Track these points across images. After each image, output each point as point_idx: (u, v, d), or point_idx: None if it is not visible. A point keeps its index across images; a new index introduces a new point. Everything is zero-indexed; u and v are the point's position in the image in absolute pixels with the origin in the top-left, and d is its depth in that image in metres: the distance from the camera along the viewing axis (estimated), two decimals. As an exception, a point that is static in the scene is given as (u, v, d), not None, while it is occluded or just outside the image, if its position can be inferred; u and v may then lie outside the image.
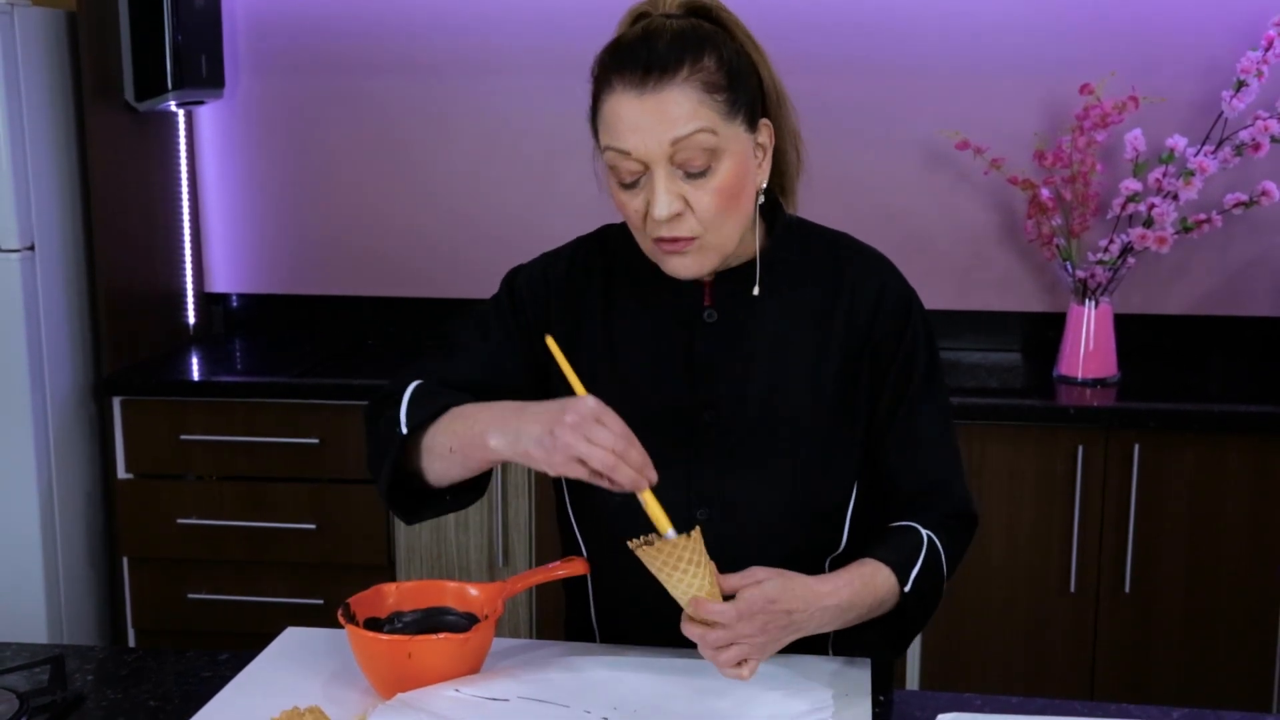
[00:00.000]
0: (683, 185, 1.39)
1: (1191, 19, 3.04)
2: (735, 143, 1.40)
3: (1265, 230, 3.10)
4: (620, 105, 1.38)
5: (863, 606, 1.42)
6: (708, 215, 1.40)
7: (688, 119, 1.36)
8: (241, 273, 3.43)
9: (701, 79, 1.37)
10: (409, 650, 1.37)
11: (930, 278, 3.20)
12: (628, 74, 1.38)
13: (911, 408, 1.51)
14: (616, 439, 1.31)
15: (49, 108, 2.89)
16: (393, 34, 3.26)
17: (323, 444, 2.89)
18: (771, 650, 1.37)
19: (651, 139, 1.37)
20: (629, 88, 1.38)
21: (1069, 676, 2.77)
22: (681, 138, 1.37)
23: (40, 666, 1.49)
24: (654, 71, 1.37)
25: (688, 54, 1.38)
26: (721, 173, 1.39)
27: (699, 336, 1.50)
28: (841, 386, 1.50)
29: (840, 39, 3.12)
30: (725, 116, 1.39)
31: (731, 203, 1.41)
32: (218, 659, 1.54)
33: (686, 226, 1.40)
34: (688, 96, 1.37)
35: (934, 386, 1.53)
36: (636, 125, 1.37)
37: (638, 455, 1.33)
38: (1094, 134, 2.86)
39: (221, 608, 2.97)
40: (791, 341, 1.50)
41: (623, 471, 1.31)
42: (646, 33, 1.40)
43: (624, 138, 1.38)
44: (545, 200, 3.24)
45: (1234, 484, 2.67)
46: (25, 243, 2.83)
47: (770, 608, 1.33)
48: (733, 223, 1.43)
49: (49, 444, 2.90)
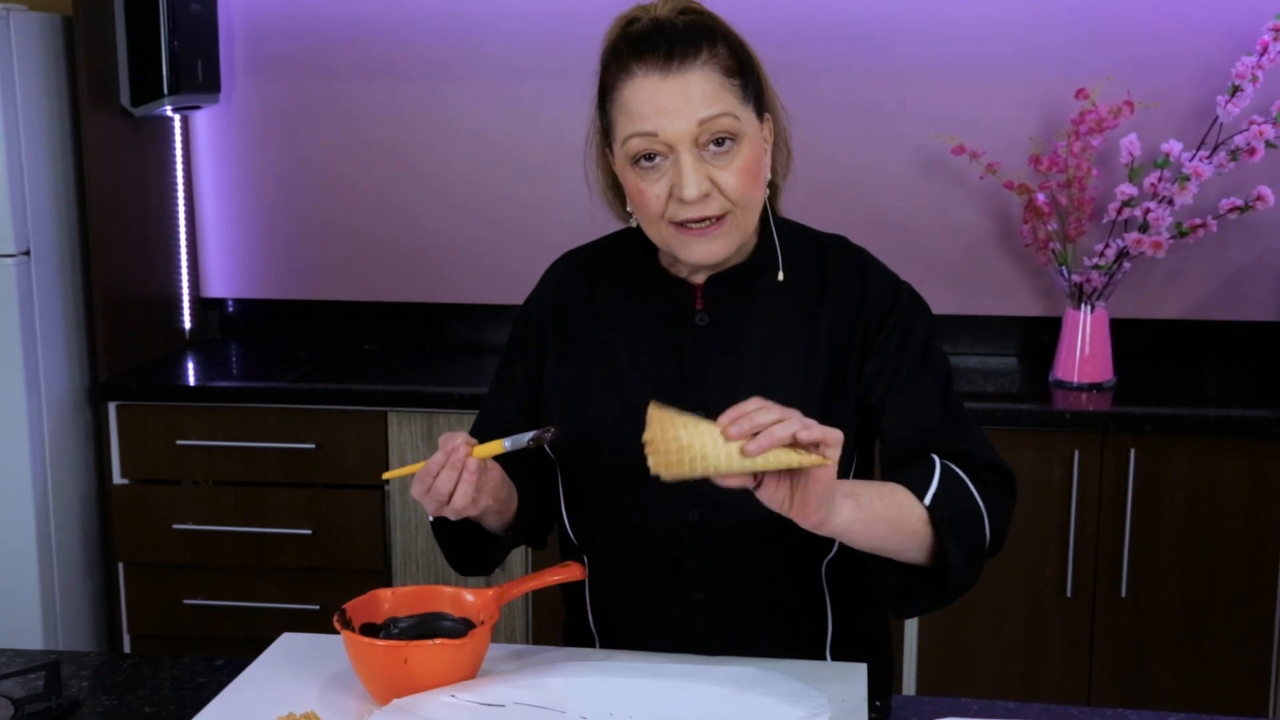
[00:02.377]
0: (708, 166, 1.40)
1: (1186, 24, 3.05)
2: (751, 127, 1.43)
3: (1260, 235, 3.10)
4: (644, 90, 1.40)
5: (872, 493, 1.33)
6: (735, 193, 1.41)
7: (713, 100, 1.39)
8: (237, 277, 3.42)
9: (720, 63, 1.40)
10: (405, 656, 1.36)
11: (926, 282, 3.17)
12: (649, 59, 1.40)
13: (910, 375, 1.47)
14: (439, 459, 1.36)
15: (45, 112, 2.89)
16: (388, 39, 3.26)
17: (319, 449, 2.88)
18: (813, 501, 1.24)
19: (680, 120, 1.38)
20: (652, 70, 1.39)
21: (1066, 680, 2.76)
22: (708, 118, 1.39)
23: (35, 673, 1.49)
24: (676, 55, 1.39)
25: (704, 39, 1.40)
26: (744, 154, 1.41)
27: (690, 339, 1.50)
28: (830, 386, 1.49)
29: (836, 44, 3.13)
30: (742, 101, 1.42)
31: (754, 183, 1.43)
32: (213, 665, 1.54)
33: (716, 205, 1.41)
34: (710, 79, 1.39)
35: (932, 356, 1.50)
36: (663, 108, 1.39)
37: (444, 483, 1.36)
38: (1089, 139, 2.87)
39: (217, 613, 2.97)
40: (781, 342, 1.50)
41: (441, 481, 1.36)
42: (656, 23, 1.42)
43: (650, 120, 1.39)
44: (542, 205, 3.24)
45: (1229, 488, 2.68)
46: (21, 248, 2.82)
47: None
48: (757, 203, 1.45)
49: (44, 449, 2.89)
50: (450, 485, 1.36)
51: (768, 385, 1.48)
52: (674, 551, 1.49)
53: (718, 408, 1.47)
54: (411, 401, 2.85)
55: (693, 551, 1.49)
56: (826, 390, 1.49)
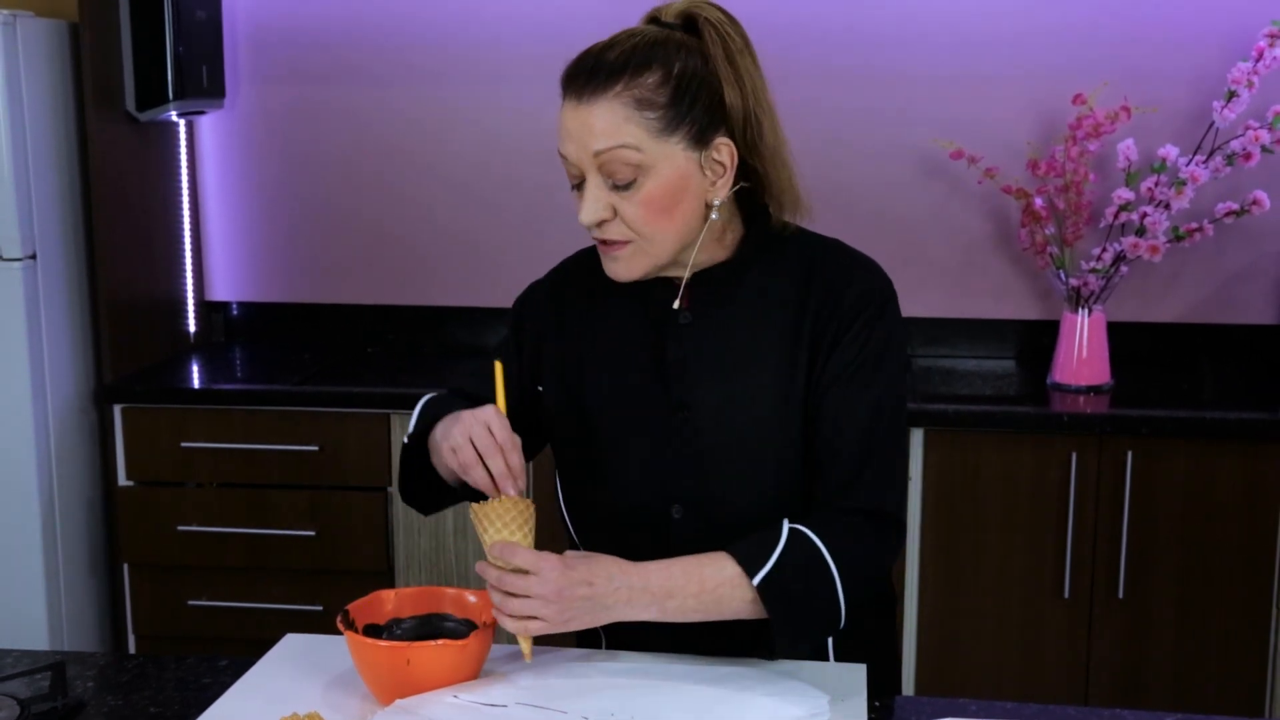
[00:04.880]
0: (611, 194, 1.41)
1: (1183, 30, 3.05)
2: (668, 160, 1.40)
3: (1256, 239, 3.10)
4: (564, 112, 1.43)
5: (687, 595, 1.38)
6: (636, 225, 1.42)
7: (610, 134, 1.39)
8: (242, 281, 3.42)
9: (635, 95, 1.39)
10: (408, 657, 1.36)
11: (925, 285, 3.20)
12: (572, 82, 1.42)
13: (846, 387, 1.46)
14: (488, 445, 1.40)
15: (51, 117, 2.89)
16: (391, 45, 3.26)
17: (322, 451, 2.88)
18: (566, 622, 1.36)
19: (580, 148, 1.41)
20: (569, 96, 1.42)
21: (1063, 681, 2.76)
22: (602, 151, 1.39)
23: (41, 673, 1.48)
24: (591, 84, 1.40)
25: (629, 69, 1.39)
26: (648, 187, 1.40)
27: (672, 338, 1.50)
28: (809, 385, 1.48)
29: (837, 49, 3.13)
30: (657, 134, 1.39)
31: (661, 216, 1.42)
32: (218, 665, 1.53)
33: (615, 231, 1.43)
34: (614, 112, 1.39)
35: (880, 375, 1.46)
36: (570, 133, 1.42)
37: (499, 465, 1.40)
38: (1087, 143, 2.87)
39: (221, 614, 2.96)
40: (763, 343, 1.49)
41: (475, 472, 1.40)
42: (609, 42, 1.43)
43: (563, 143, 1.43)
44: (543, 209, 3.24)
45: (1226, 490, 2.67)
46: (27, 251, 2.82)
47: (567, 573, 1.35)
48: (665, 234, 1.43)
49: (50, 451, 2.89)
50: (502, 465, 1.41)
51: (749, 384, 1.48)
52: (664, 547, 1.49)
53: (700, 405, 1.48)
54: (414, 404, 2.83)
55: (681, 548, 1.49)
56: (807, 390, 1.48)
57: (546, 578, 1.35)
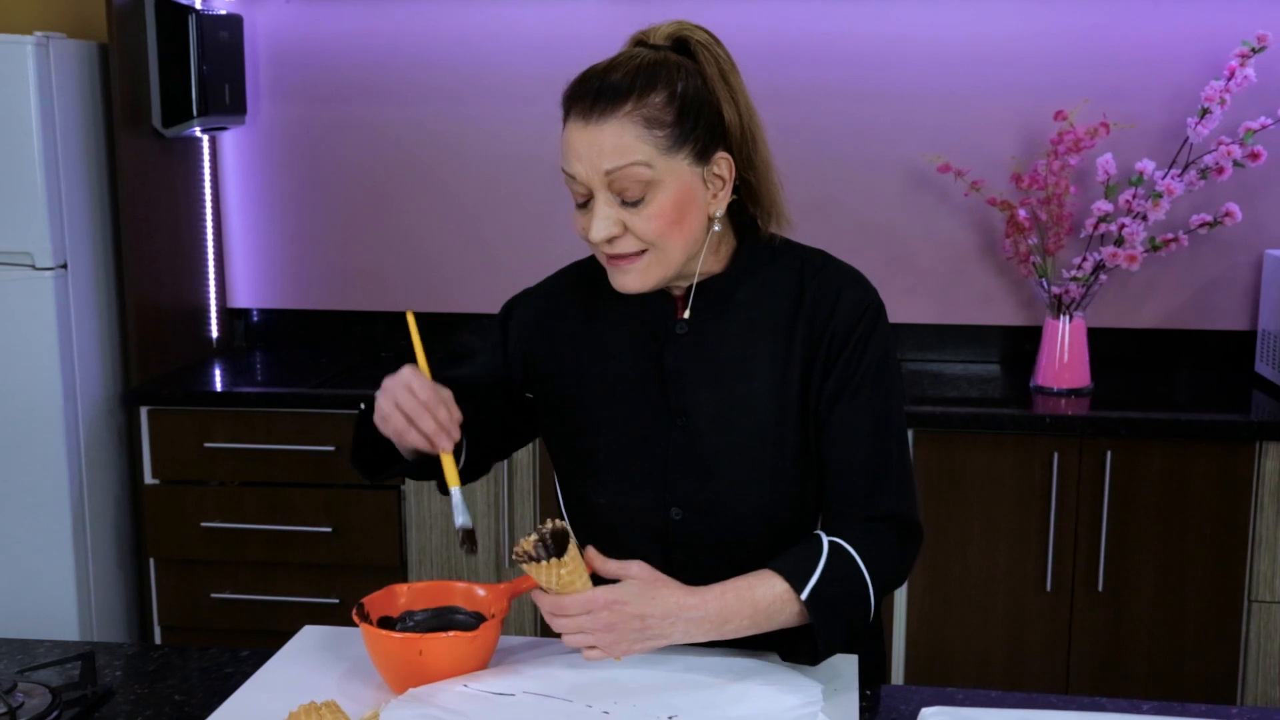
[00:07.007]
0: (620, 211, 1.39)
1: (1159, 50, 3.05)
2: (675, 175, 1.39)
3: (1229, 249, 3.11)
4: (570, 132, 1.40)
5: (743, 617, 1.37)
6: (649, 236, 1.40)
7: (622, 153, 1.37)
8: (262, 289, 3.43)
9: (644, 114, 1.37)
10: (420, 648, 1.37)
11: (913, 294, 3.20)
12: (578, 103, 1.39)
13: (851, 401, 1.46)
14: (414, 407, 1.39)
15: (82, 134, 2.90)
16: (406, 62, 3.27)
17: (338, 451, 2.89)
18: (628, 648, 1.34)
19: (590, 167, 1.38)
20: (578, 117, 1.39)
21: (1045, 670, 2.76)
22: (614, 169, 1.37)
23: (71, 663, 1.49)
24: (599, 104, 1.37)
25: (636, 89, 1.38)
26: (658, 202, 1.39)
27: (669, 348, 1.50)
28: (804, 393, 1.48)
29: (827, 67, 3.13)
30: (665, 151, 1.38)
31: (672, 228, 1.40)
32: (239, 655, 1.54)
33: (627, 245, 1.41)
34: (626, 131, 1.37)
35: (881, 388, 1.47)
36: (580, 153, 1.39)
37: (429, 424, 1.39)
38: (1068, 158, 2.87)
39: (242, 607, 2.97)
40: (758, 352, 1.48)
41: (410, 436, 1.40)
42: (610, 64, 1.41)
43: (570, 163, 1.40)
44: (551, 220, 3.25)
45: (1200, 488, 2.67)
46: (59, 261, 2.83)
47: (619, 609, 1.33)
48: (676, 245, 1.42)
49: (80, 451, 2.90)
50: (432, 425, 1.40)
51: (745, 391, 1.48)
52: (663, 548, 1.49)
53: (697, 415, 1.47)
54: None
55: (681, 548, 1.49)
56: (800, 401, 1.47)
57: (598, 618, 1.33)
